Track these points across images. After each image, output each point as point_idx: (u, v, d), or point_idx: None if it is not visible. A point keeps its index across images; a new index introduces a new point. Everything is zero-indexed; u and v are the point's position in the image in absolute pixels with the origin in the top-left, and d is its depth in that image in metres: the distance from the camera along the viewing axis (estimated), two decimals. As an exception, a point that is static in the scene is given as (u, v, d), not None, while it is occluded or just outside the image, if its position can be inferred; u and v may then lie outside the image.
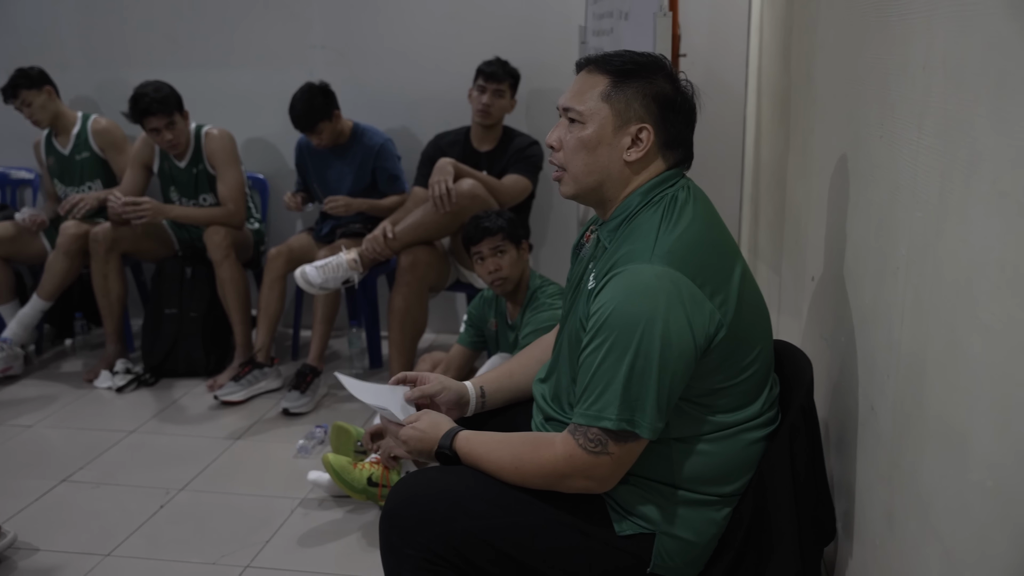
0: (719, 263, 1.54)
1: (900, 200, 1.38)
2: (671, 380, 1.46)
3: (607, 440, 1.48)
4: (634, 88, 1.55)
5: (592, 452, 1.49)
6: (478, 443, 1.64)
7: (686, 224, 1.53)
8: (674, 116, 1.56)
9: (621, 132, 1.55)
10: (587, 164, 1.57)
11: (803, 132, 2.32)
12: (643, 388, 1.45)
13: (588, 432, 1.49)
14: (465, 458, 1.64)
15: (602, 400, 1.47)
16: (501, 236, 2.80)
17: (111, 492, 2.84)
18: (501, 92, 3.62)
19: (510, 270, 2.81)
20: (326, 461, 2.65)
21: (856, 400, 1.65)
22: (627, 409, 1.45)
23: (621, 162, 1.56)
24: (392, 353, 3.48)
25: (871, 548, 1.52)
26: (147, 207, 3.64)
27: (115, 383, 3.69)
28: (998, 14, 1.00)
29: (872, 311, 1.55)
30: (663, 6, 2.46)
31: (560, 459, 1.52)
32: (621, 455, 1.50)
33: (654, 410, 1.46)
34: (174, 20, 4.27)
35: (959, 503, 1.08)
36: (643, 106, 1.54)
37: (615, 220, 1.60)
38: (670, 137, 1.57)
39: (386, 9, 4.09)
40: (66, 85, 4.10)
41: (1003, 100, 0.98)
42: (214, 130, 3.82)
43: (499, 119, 3.68)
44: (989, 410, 1.00)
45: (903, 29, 1.39)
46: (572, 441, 1.51)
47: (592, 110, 1.56)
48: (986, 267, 1.01)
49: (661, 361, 1.44)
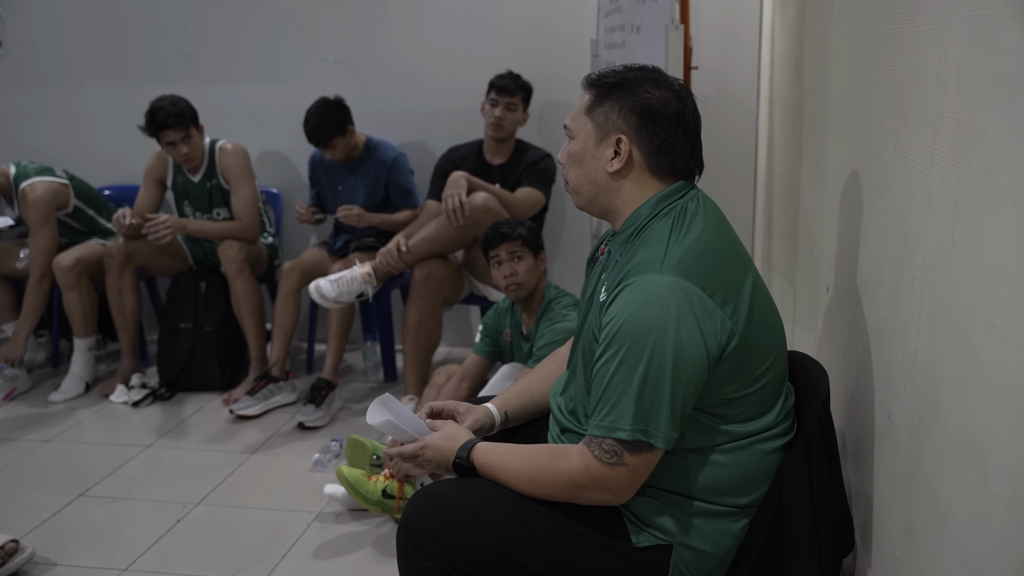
0: (730, 273, 1.54)
1: (915, 210, 1.38)
2: (684, 390, 1.47)
3: (622, 451, 1.48)
4: (612, 101, 1.59)
5: (608, 463, 1.49)
6: (495, 455, 1.64)
7: (695, 234, 1.54)
8: (654, 125, 1.57)
9: (603, 144, 1.60)
10: (578, 177, 1.64)
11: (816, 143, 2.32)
12: (656, 398, 1.45)
13: (603, 443, 1.49)
14: (482, 469, 1.64)
15: (616, 411, 1.47)
16: (520, 242, 2.83)
17: (128, 507, 2.86)
18: (513, 106, 3.63)
19: (525, 276, 2.83)
20: (340, 474, 2.65)
21: (873, 411, 1.64)
22: (641, 419, 1.46)
23: (605, 173, 1.60)
24: (407, 366, 3.49)
25: (890, 560, 1.51)
26: (168, 224, 3.65)
27: (131, 398, 3.71)
28: (1011, 23, 1.00)
29: (888, 321, 1.55)
30: (674, 19, 2.48)
31: (576, 471, 1.52)
32: (637, 466, 1.50)
33: (668, 420, 1.46)
34: (188, 36, 4.31)
35: (979, 513, 1.08)
36: (621, 117, 1.58)
37: (625, 232, 1.61)
38: (654, 146, 1.58)
39: (398, 23, 4.12)
40: (81, 101, 4.14)
41: (1017, 109, 0.98)
42: (228, 145, 3.85)
43: (512, 132, 3.69)
44: (1007, 419, 1.00)
45: (916, 40, 1.40)
46: (588, 453, 1.51)
47: (578, 125, 1.62)
48: (1002, 276, 1.01)
49: (674, 371, 1.45)
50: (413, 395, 3.44)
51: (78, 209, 3.99)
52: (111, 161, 4.41)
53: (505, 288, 2.86)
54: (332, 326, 3.63)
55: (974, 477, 1.10)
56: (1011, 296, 0.99)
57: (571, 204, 4.11)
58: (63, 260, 3.79)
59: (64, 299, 3.83)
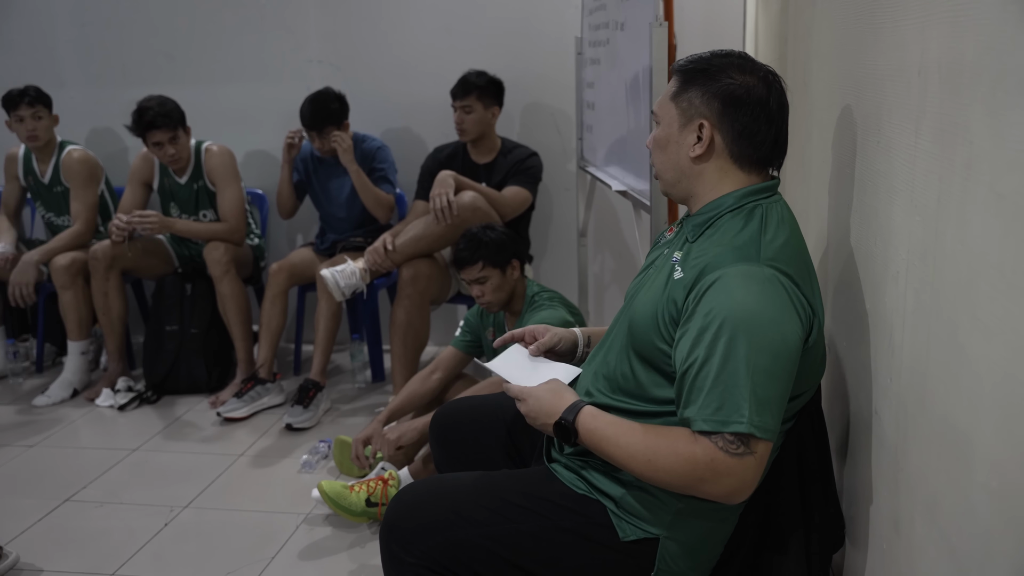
0: (811, 281, 1.56)
1: (899, 204, 1.38)
2: (789, 381, 1.46)
3: (748, 440, 1.42)
4: (696, 87, 1.58)
5: (735, 455, 1.42)
6: (605, 423, 1.55)
7: (785, 238, 1.54)
8: (736, 111, 1.56)
9: (686, 130, 1.59)
10: (662, 162, 1.64)
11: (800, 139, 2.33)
12: (767, 390, 1.42)
13: (724, 436, 1.42)
14: (588, 436, 1.55)
15: (729, 404, 1.41)
16: (480, 266, 2.81)
17: (115, 511, 2.84)
18: (468, 108, 3.62)
19: (493, 295, 2.83)
20: (321, 489, 2.63)
21: (860, 405, 1.65)
22: (758, 412, 1.41)
23: (688, 158, 1.60)
24: (394, 366, 3.48)
25: (879, 553, 1.52)
26: (154, 219, 3.66)
27: (117, 401, 3.69)
28: (992, 17, 1.00)
29: (873, 316, 1.56)
30: (659, 16, 2.48)
31: (700, 462, 1.43)
32: (762, 454, 1.44)
33: (778, 413, 1.44)
34: (171, 36, 4.29)
35: (965, 505, 1.08)
36: (704, 103, 1.57)
37: (703, 215, 1.60)
38: (736, 132, 1.57)
39: (382, 23, 4.11)
40: (63, 103, 4.11)
41: (998, 103, 0.98)
42: (214, 146, 3.83)
43: (480, 133, 3.68)
44: (992, 411, 1.01)
45: (898, 35, 1.40)
46: (711, 445, 1.43)
47: (664, 111, 1.63)
48: (985, 269, 1.02)
49: (786, 363, 1.44)
50: (401, 395, 3.43)
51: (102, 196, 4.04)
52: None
53: (479, 305, 2.88)
54: (320, 327, 3.61)
55: (959, 469, 1.10)
56: (994, 288, 0.99)
57: (558, 203, 4.15)
58: (60, 260, 3.78)
59: (60, 299, 3.81)
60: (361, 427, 3.37)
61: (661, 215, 2.49)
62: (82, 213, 3.93)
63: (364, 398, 3.77)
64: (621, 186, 2.92)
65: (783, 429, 1.61)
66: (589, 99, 3.55)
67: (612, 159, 3.17)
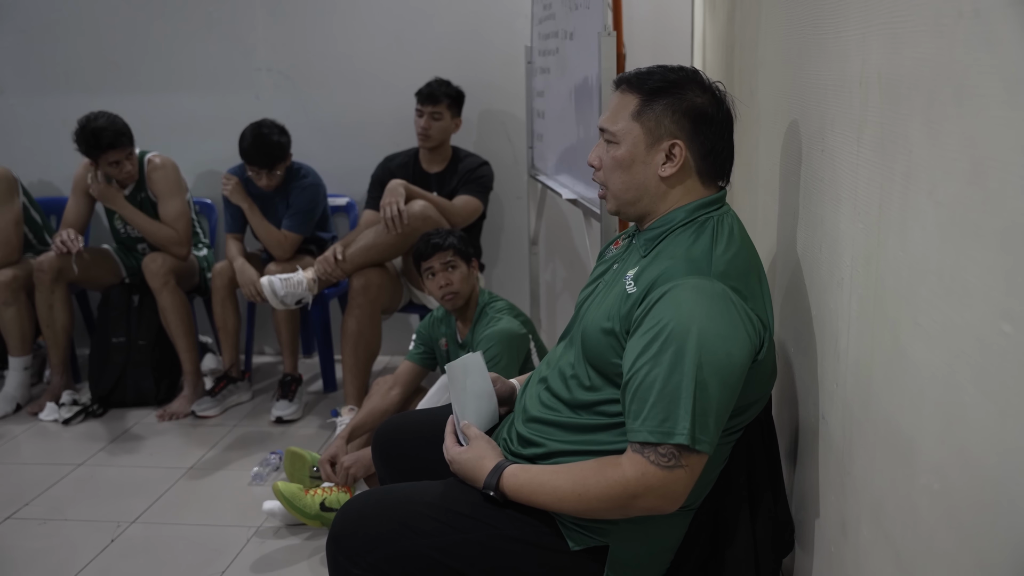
0: (763, 294, 1.56)
1: (843, 212, 1.41)
2: (731, 396, 1.46)
3: (680, 454, 1.43)
4: (663, 105, 1.56)
5: (666, 467, 1.44)
6: (529, 477, 1.56)
7: (735, 250, 1.54)
8: (707, 128, 1.57)
9: (654, 149, 1.57)
10: (624, 182, 1.60)
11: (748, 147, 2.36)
12: (709, 404, 1.42)
13: (659, 449, 1.43)
14: (515, 494, 1.56)
15: (673, 416, 1.42)
16: (452, 252, 2.82)
17: (59, 528, 2.78)
18: (438, 114, 3.61)
19: (460, 285, 2.82)
20: (276, 490, 2.61)
21: (808, 411, 1.67)
22: (697, 424, 1.41)
23: (657, 178, 1.58)
24: (346, 376, 3.46)
25: (826, 556, 1.54)
26: (100, 189, 3.64)
27: (61, 415, 3.61)
28: (925, 30, 1.03)
29: (820, 322, 1.58)
30: (607, 26, 2.50)
31: (631, 479, 1.45)
32: (694, 467, 1.45)
33: (716, 426, 1.44)
34: (115, 44, 4.21)
35: (908, 506, 1.10)
36: (674, 122, 1.56)
37: (655, 230, 1.60)
38: (706, 149, 1.58)
39: (331, 31, 4.09)
40: (2, 111, 4.02)
41: (935, 113, 1.00)
42: (157, 158, 3.77)
43: (442, 141, 3.67)
44: (933, 414, 1.03)
45: (840, 45, 1.43)
46: (642, 459, 1.44)
47: (624, 130, 1.58)
48: (925, 275, 1.04)
49: (727, 377, 1.44)
50: (353, 405, 3.40)
51: (25, 208, 3.89)
52: (35, 173, 4.28)
53: (441, 299, 2.85)
54: (281, 330, 3.67)
55: (903, 471, 1.12)
56: (933, 294, 1.01)
57: (509, 212, 4.15)
58: (1, 276, 3.68)
59: (1, 316, 3.69)
60: (311, 438, 3.35)
61: (611, 223, 2.51)
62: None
63: (315, 408, 3.74)
64: (571, 194, 2.94)
65: (731, 440, 1.62)
66: (539, 108, 3.56)
67: (562, 167, 3.19)
